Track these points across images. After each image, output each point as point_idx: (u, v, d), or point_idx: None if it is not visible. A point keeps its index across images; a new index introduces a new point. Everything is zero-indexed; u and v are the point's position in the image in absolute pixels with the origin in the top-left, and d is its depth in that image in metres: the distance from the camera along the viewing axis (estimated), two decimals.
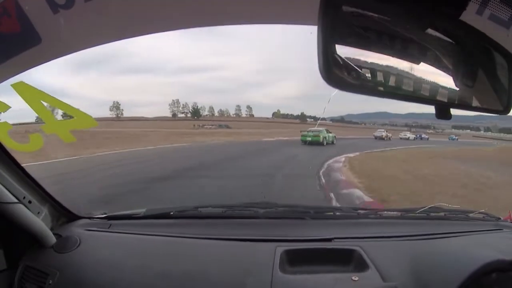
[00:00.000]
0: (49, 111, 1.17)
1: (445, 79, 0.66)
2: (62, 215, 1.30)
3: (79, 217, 1.35)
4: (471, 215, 1.51)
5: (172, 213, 1.36)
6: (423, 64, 0.64)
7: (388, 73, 0.61)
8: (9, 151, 1.07)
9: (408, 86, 0.62)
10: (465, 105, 0.69)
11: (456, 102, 0.67)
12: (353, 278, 1.00)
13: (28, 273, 1.08)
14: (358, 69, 0.58)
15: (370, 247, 1.14)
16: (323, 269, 1.06)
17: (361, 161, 9.91)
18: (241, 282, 1.00)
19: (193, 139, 17.39)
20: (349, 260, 1.10)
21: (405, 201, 5.00)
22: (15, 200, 1.03)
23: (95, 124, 1.45)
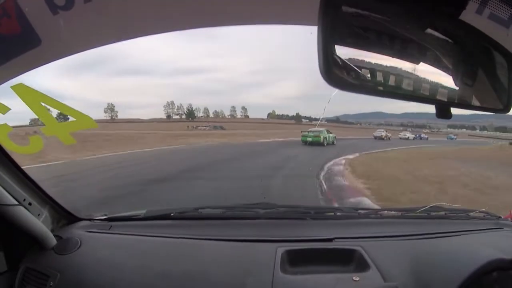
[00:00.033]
0: (49, 113, 1.17)
1: (445, 79, 0.66)
2: (62, 217, 1.30)
3: (80, 219, 1.35)
4: (471, 214, 1.51)
5: (172, 214, 1.36)
6: (423, 63, 0.64)
7: (388, 72, 0.61)
8: (9, 153, 1.07)
9: (408, 85, 0.62)
10: (465, 104, 0.69)
11: (456, 101, 0.67)
12: (354, 278, 1.00)
13: (28, 275, 1.08)
14: (358, 69, 0.58)
15: (371, 247, 1.14)
16: (324, 269, 1.06)
17: (364, 163, 9.59)
18: (241, 282, 1.00)
19: (187, 140, 17.12)
20: (350, 260, 1.10)
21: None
22: (15, 202, 1.03)
23: (95, 125, 1.45)
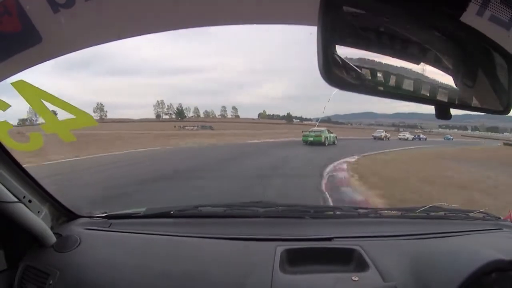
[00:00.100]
0: (49, 110, 1.17)
1: (445, 79, 0.66)
2: (62, 214, 1.30)
3: (79, 216, 1.35)
4: (471, 215, 1.51)
5: (172, 212, 1.37)
6: (423, 64, 0.64)
7: (388, 73, 0.61)
8: (9, 151, 1.07)
9: (408, 86, 0.62)
10: (465, 105, 0.69)
11: (456, 102, 0.67)
12: (353, 278, 1.00)
13: (28, 273, 1.08)
14: (358, 69, 0.58)
15: (370, 247, 1.14)
16: (323, 269, 1.07)
17: (370, 168, 8.80)
18: (241, 281, 1.00)
19: (167, 142, 16.03)
20: (349, 259, 1.10)
21: None
22: (15, 199, 1.03)
23: (95, 123, 1.45)
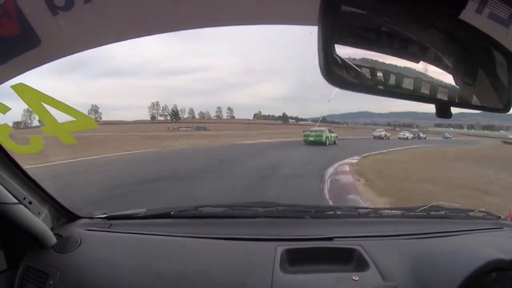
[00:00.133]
0: (49, 112, 1.17)
1: (445, 78, 0.66)
2: (62, 215, 1.30)
3: (79, 217, 1.35)
4: (471, 214, 1.51)
5: (172, 212, 1.36)
6: (423, 62, 0.64)
7: (388, 71, 0.61)
8: (9, 153, 1.07)
9: (408, 84, 0.62)
10: (465, 103, 0.69)
11: (456, 100, 0.67)
12: (353, 277, 1.00)
13: (28, 274, 1.08)
14: (358, 68, 0.58)
15: (370, 246, 1.14)
16: (323, 269, 1.06)
17: (376, 169, 8.27)
18: (241, 281, 1.00)
19: (159, 143, 15.51)
20: (350, 259, 1.10)
21: None
22: (16, 200, 1.03)
23: (95, 125, 1.45)
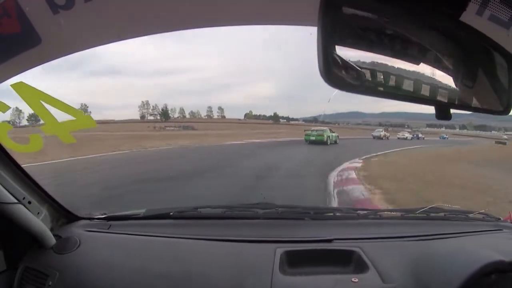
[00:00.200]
0: (49, 111, 1.17)
1: (445, 80, 0.66)
2: (61, 215, 1.30)
3: (79, 218, 1.35)
4: (471, 216, 1.51)
5: (171, 213, 1.36)
6: (423, 64, 0.64)
7: (388, 73, 0.61)
8: (9, 152, 1.07)
9: (408, 86, 0.62)
10: (465, 105, 0.69)
11: (456, 102, 0.67)
12: (352, 279, 1.00)
13: (28, 274, 1.08)
14: (358, 69, 0.58)
15: (370, 248, 1.13)
16: (323, 270, 1.06)
17: (389, 175, 7.28)
18: (240, 283, 1.00)
19: (140, 144, 14.17)
20: (349, 261, 1.10)
21: None
22: (15, 200, 1.03)
23: (95, 125, 1.45)
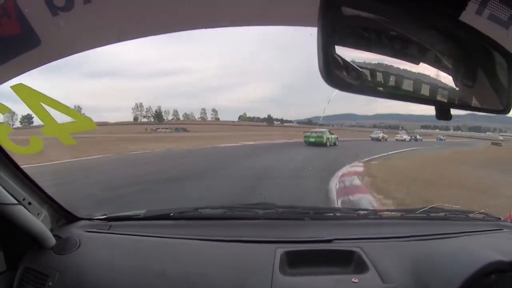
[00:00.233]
0: (48, 113, 1.17)
1: (445, 79, 0.66)
2: (61, 216, 1.30)
3: (79, 219, 1.35)
4: (471, 215, 1.51)
5: (171, 214, 1.36)
6: (423, 64, 0.64)
7: (388, 73, 0.61)
8: (9, 153, 1.07)
9: (408, 86, 0.62)
10: (465, 105, 0.69)
11: (456, 102, 0.67)
12: (353, 280, 1.00)
13: (28, 275, 1.08)
14: (358, 69, 0.58)
15: (370, 248, 1.13)
16: (323, 271, 1.06)
17: (396, 180, 6.63)
18: (241, 283, 1.00)
19: (125, 147, 12.81)
20: (349, 261, 1.10)
21: None
22: (15, 201, 1.03)
23: (94, 126, 1.44)
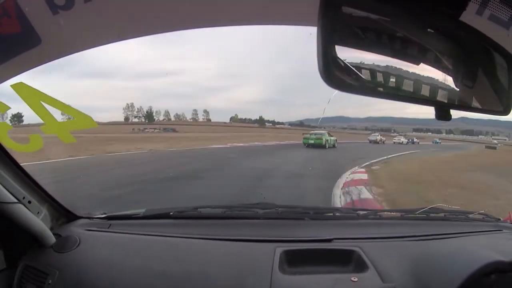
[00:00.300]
0: (49, 111, 1.17)
1: (445, 80, 0.66)
2: (61, 215, 1.30)
3: (79, 217, 1.35)
4: (471, 216, 1.51)
5: (171, 213, 1.36)
6: (423, 64, 0.64)
7: (388, 74, 0.61)
8: (9, 151, 1.07)
9: (408, 87, 0.62)
10: (465, 106, 0.69)
11: (456, 103, 0.67)
12: (352, 279, 1.00)
13: (27, 273, 1.08)
14: (358, 70, 0.58)
15: (369, 248, 1.14)
16: (322, 270, 1.06)
17: (406, 189, 5.86)
18: (240, 282, 1.00)
19: (103, 148, 12.13)
20: (349, 260, 1.10)
21: None
22: (15, 200, 1.03)
23: (95, 125, 1.45)
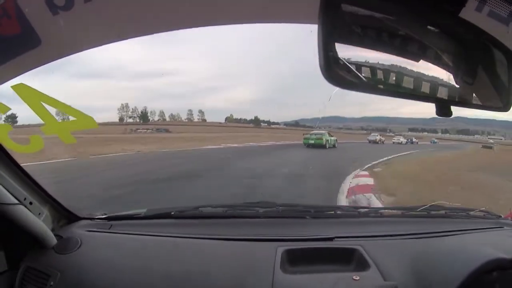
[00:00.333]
0: (49, 112, 1.17)
1: (445, 77, 0.66)
2: (62, 216, 1.30)
3: (80, 218, 1.35)
4: (472, 213, 1.51)
5: (172, 213, 1.36)
6: (423, 61, 0.64)
7: (388, 71, 0.61)
8: (10, 152, 1.07)
9: (408, 83, 0.62)
10: (465, 102, 0.69)
11: (456, 99, 0.67)
12: (354, 277, 1.00)
13: (29, 274, 1.08)
14: (358, 67, 0.58)
15: (371, 246, 1.14)
16: (324, 269, 1.06)
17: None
18: (241, 282, 1.00)
19: (85, 150, 10.47)
20: (350, 259, 1.10)
21: None
22: (16, 201, 1.03)
23: (96, 125, 1.45)
